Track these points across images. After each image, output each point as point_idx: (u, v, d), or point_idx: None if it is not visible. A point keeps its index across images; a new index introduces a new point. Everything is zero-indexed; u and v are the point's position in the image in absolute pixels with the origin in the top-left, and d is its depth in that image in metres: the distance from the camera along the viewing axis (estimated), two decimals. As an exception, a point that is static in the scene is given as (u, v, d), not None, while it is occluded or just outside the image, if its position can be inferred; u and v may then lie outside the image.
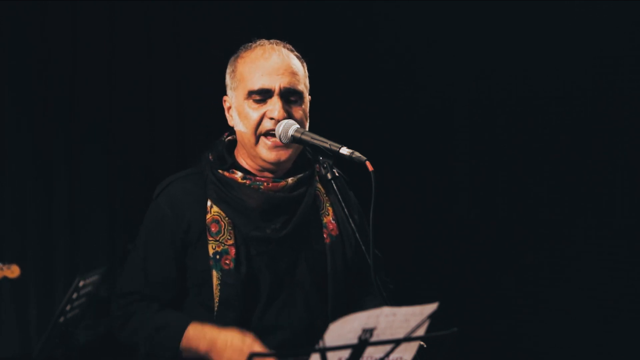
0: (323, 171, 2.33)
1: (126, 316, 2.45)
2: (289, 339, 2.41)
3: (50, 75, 5.00)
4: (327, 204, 2.54)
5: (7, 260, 4.29)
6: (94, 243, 5.13)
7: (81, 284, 3.93)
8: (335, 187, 2.33)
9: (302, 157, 2.52)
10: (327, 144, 2.30)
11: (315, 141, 2.32)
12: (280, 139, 2.38)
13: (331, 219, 2.52)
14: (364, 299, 2.56)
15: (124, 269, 2.53)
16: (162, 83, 5.39)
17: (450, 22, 5.21)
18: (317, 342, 1.77)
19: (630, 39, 4.51)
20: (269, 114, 2.39)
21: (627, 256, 4.58)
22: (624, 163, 4.58)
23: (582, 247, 4.74)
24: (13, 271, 4.17)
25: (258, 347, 2.28)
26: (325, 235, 2.49)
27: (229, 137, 2.55)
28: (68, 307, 3.92)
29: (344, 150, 2.26)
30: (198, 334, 2.35)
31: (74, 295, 3.91)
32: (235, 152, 2.52)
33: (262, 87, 2.40)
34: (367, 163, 2.22)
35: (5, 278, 4.18)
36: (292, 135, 2.36)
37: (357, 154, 2.24)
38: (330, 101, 5.44)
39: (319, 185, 2.54)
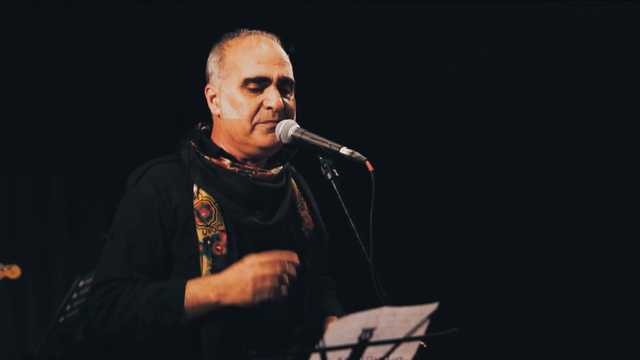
0: (323, 171, 2.33)
1: (112, 299, 2.26)
2: (275, 328, 2.39)
3: (48, 72, 5.01)
4: (302, 198, 2.54)
5: (7, 261, 4.29)
6: (92, 242, 5.12)
7: (81, 284, 3.93)
8: (335, 188, 2.33)
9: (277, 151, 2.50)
10: (327, 144, 2.30)
11: (316, 141, 2.32)
12: (280, 139, 2.38)
13: (307, 213, 2.52)
14: (323, 295, 2.59)
15: (100, 261, 2.35)
16: (161, 80, 5.39)
17: (451, 21, 5.20)
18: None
19: (631, 39, 4.51)
20: (266, 104, 2.38)
21: (628, 256, 4.58)
22: (625, 163, 4.58)
23: (582, 247, 4.74)
24: (14, 272, 4.17)
25: (255, 259, 2.24)
26: (303, 229, 2.49)
27: (204, 127, 2.50)
28: (68, 307, 3.93)
29: (344, 150, 2.26)
30: (203, 287, 2.25)
31: (74, 295, 3.92)
32: (215, 141, 2.47)
33: (259, 74, 2.38)
34: (367, 163, 2.22)
35: (5, 279, 4.19)
36: (292, 135, 2.36)
37: (357, 154, 2.25)
38: (330, 101, 5.45)
39: (292, 180, 2.54)
